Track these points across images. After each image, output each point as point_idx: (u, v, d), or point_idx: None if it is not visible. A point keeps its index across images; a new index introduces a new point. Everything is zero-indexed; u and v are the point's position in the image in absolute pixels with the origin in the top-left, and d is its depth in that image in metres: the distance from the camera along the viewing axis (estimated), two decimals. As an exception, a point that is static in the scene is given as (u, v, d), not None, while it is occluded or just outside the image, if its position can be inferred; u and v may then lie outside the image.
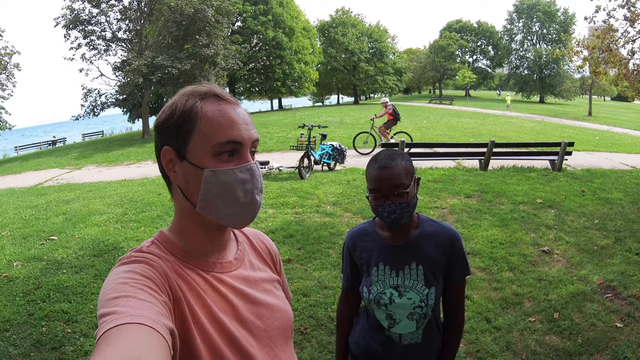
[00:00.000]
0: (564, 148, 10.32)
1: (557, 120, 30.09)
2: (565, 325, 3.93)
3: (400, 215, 1.65)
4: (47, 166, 18.47)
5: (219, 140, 0.96)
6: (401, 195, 1.64)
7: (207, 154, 0.97)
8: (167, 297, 0.88)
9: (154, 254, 0.97)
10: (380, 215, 1.68)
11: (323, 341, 3.80)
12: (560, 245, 5.80)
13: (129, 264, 0.91)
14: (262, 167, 11.48)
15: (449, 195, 8.22)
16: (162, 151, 1.00)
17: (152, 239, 1.03)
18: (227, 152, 0.98)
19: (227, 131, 0.97)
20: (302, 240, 6.17)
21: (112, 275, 0.88)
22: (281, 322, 1.13)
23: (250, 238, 1.24)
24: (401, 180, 1.64)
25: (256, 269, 1.16)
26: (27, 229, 7.58)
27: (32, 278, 5.34)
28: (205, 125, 0.96)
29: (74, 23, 26.04)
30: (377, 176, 1.66)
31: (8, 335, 4.14)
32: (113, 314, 0.75)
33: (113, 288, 0.82)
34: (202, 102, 0.98)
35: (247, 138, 1.00)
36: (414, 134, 18.14)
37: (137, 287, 0.83)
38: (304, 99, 71.00)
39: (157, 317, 0.77)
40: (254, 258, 1.19)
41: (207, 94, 1.00)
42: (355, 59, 52.68)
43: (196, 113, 0.97)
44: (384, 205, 1.64)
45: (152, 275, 0.89)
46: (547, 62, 53.76)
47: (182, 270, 0.98)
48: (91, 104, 27.70)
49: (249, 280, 1.11)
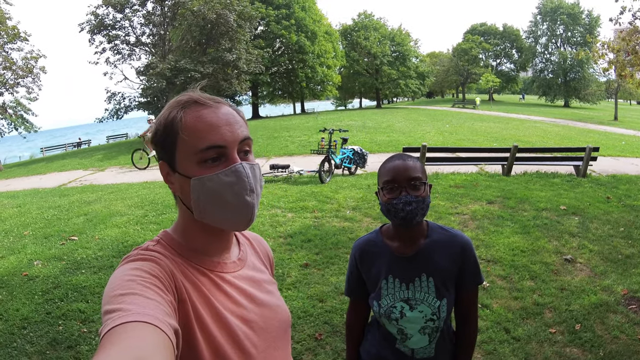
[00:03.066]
0: (589, 153, 10.11)
1: (582, 124, 29.49)
2: (586, 337, 3.82)
3: (415, 209, 1.59)
4: (72, 167, 18.77)
5: (200, 147, 0.96)
6: (417, 188, 1.60)
7: (192, 163, 0.97)
8: (172, 296, 0.89)
9: (161, 252, 0.98)
10: (394, 208, 1.60)
11: (337, 348, 3.75)
12: (584, 254, 5.66)
13: (137, 262, 0.92)
14: (283, 171, 11.53)
15: (471, 201, 8.11)
16: (159, 165, 1.03)
17: (157, 239, 1.05)
18: (211, 158, 0.97)
19: (207, 136, 0.96)
20: (320, 245, 6.13)
21: (119, 272, 0.88)
22: (281, 323, 1.14)
23: (251, 240, 1.26)
24: (418, 173, 1.61)
25: (258, 270, 1.18)
26: (49, 228, 7.69)
27: (51, 277, 5.41)
28: (186, 134, 0.96)
29: (98, 28, 26.43)
30: (394, 167, 1.63)
31: (25, 332, 4.20)
32: (119, 311, 0.75)
33: (120, 284, 0.83)
34: (182, 112, 0.98)
35: (230, 139, 0.98)
36: (436, 139, 18.02)
37: (144, 285, 0.84)
38: (327, 102, 71.12)
39: (162, 316, 0.77)
40: (255, 260, 1.21)
41: (187, 103, 1.00)
42: (377, 63, 52.53)
43: (177, 124, 0.97)
44: (400, 197, 1.59)
45: (159, 274, 0.89)
46: (572, 65, 52.97)
47: (188, 270, 0.99)
48: (115, 107, 28.04)
49: (253, 281, 1.12)
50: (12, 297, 4.94)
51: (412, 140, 17.87)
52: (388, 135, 20.60)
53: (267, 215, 7.68)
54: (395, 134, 20.92)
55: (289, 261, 5.63)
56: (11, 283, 5.35)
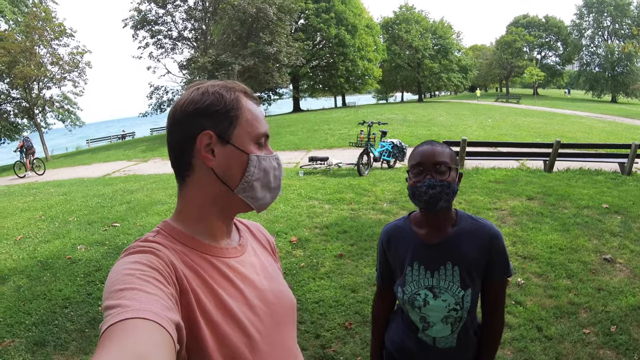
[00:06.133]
0: (635, 150, 9.69)
1: (629, 120, 28.13)
2: (622, 340, 3.67)
3: (439, 193, 1.57)
4: (116, 158, 19.31)
5: (260, 131, 1.08)
6: (442, 173, 1.58)
7: (250, 141, 1.07)
8: (173, 288, 0.88)
9: (161, 243, 0.97)
10: (419, 191, 1.60)
11: (366, 338, 3.75)
12: (625, 254, 5.43)
13: (135, 254, 0.91)
14: (322, 163, 11.60)
15: (510, 197, 7.94)
16: (201, 135, 1.01)
17: (157, 229, 1.04)
18: (259, 143, 1.09)
19: (263, 124, 1.10)
20: (355, 236, 6.13)
21: (118, 266, 0.87)
22: (285, 308, 1.16)
23: (250, 227, 1.30)
24: (444, 158, 1.60)
25: (259, 255, 1.20)
26: (93, 215, 7.96)
27: (93, 261, 5.61)
28: (248, 115, 1.07)
29: (142, 23, 27.15)
30: (421, 152, 1.63)
31: (67, 312, 4.39)
32: (118, 307, 0.75)
33: (119, 279, 0.82)
34: (243, 96, 1.09)
35: (268, 132, 1.13)
36: (477, 133, 17.68)
37: (143, 278, 0.83)
38: (368, 96, 70.78)
39: (162, 311, 0.77)
40: (256, 245, 1.24)
41: (244, 91, 1.11)
42: (419, 56, 51.93)
43: (241, 103, 1.07)
44: (424, 180, 1.58)
45: (158, 266, 0.89)
46: (620, 58, 51.01)
47: (189, 257, 0.98)
48: (158, 101, 28.62)
49: (255, 266, 1.14)
50: (55, 279, 5.16)
51: (453, 135, 17.58)
52: (429, 129, 20.35)
53: (305, 207, 7.73)
54: (436, 128, 20.66)
55: (323, 251, 5.66)
56: (55, 265, 5.58)
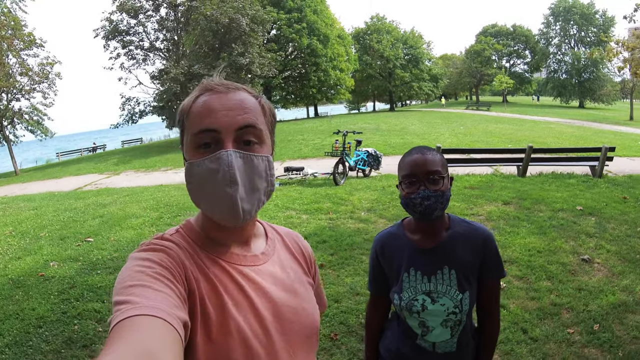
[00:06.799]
0: (605, 153, 9.97)
1: (597, 125, 28.96)
2: (605, 337, 3.74)
3: (434, 204, 1.56)
4: (87, 171, 18.97)
5: (194, 130, 0.93)
6: (436, 182, 1.57)
7: (190, 148, 0.95)
8: (182, 287, 0.87)
9: (176, 242, 0.96)
10: (413, 203, 1.58)
11: (353, 348, 3.72)
12: (601, 254, 5.56)
13: (148, 252, 0.90)
14: (297, 173, 11.55)
15: (486, 202, 8.04)
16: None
17: (178, 227, 1.02)
18: (204, 143, 0.93)
19: (203, 120, 0.92)
20: (335, 245, 6.11)
21: (130, 262, 0.87)
22: (303, 327, 1.04)
23: (283, 236, 1.19)
24: (437, 167, 1.58)
25: (286, 267, 1.10)
26: (65, 230, 7.76)
27: (67, 278, 5.45)
28: (189, 118, 0.95)
29: (113, 34, 26.79)
30: (413, 161, 1.61)
31: (41, 331, 4.23)
32: (128, 303, 0.74)
33: (130, 275, 0.82)
34: (195, 98, 0.97)
35: (225, 124, 0.92)
36: (450, 140, 17.92)
37: (154, 276, 0.83)
38: (340, 106, 71.09)
39: (171, 309, 0.76)
40: (285, 256, 1.14)
41: (204, 89, 0.98)
42: (390, 66, 52.52)
43: (187, 109, 0.96)
44: (418, 191, 1.57)
45: (169, 265, 0.88)
46: (586, 65, 52.40)
47: (202, 260, 0.96)
48: (129, 112, 28.25)
49: (275, 277, 1.05)
50: (28, 297, 4.98)
51: (426, 143, 17.76)
52: (402, 137, 20.55)
53: (282, 217, 7.70)
54: (409, 136, 20.87)
55: (303, 262, 5.61)
56: (27, 283, 5.40)
